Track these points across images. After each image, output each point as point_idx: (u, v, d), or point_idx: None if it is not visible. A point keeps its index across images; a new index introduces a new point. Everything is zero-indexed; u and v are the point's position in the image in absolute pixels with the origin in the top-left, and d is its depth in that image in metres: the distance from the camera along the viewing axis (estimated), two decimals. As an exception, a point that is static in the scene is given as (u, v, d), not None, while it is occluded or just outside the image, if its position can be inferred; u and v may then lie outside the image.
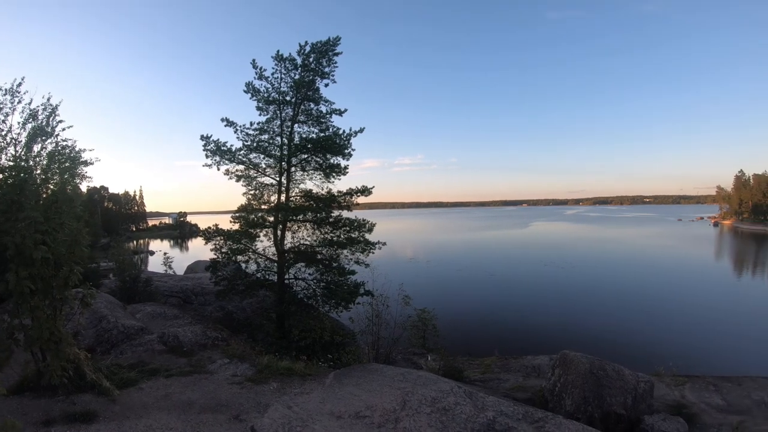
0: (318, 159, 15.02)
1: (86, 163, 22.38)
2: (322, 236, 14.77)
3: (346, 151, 14.58)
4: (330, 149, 14.38)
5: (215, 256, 15.24)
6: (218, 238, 15.03)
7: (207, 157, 14.85)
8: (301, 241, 15.15)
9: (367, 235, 14.44)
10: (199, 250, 64.67)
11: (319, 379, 8.68)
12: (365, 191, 14.57)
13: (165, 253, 40.47)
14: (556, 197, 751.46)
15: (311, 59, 14.34)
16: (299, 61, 14.40)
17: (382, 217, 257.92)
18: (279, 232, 14.86)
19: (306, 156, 14.99)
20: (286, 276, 14.81)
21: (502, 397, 10.07)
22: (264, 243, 15.31)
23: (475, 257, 67.95)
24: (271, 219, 14.94)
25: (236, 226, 15.11)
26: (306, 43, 14.39)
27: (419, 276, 47.05)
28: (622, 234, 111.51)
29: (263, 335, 14.75)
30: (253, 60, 14.58)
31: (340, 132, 14.54)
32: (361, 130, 14.59)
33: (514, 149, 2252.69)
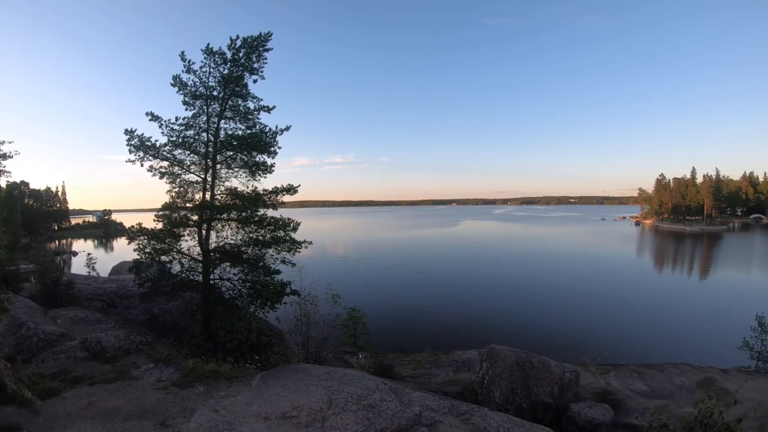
0: (244, 156, 14.74)
1: (5, 157, 20.71)
2: (247, 235, 14.56)
3: (272, 149, 14.46)
4: (256, 147, 14.20)
5: (139, 257, 14.57)
6: (142, 237, 14.36)
7: (131, 152, 14.14)
8: (226, 241, 14.83)
9: (293, 234, 14.41)
10: (125, 250, 61.11)
11: (245, 380, 8.68)
12: (291, 190, 14.57)
13: (88, 254, 37.87)
14: (485, 197, 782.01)
15: (241, 54, 14.10)
16: (229, 55, 14.09)
17: (312, 215, 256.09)
18: (204, 232, 14.46)
19: (232, 153, 14.68)
20: (212, 276, 14.44)
21: (431, 391, 10.42)
22: (189, 242, 14.83)
23: (405, 255, 69.32)
24: (195, 218, 14.49)
25: (160, 225, 14.53)
26: (237, 37, 14.10)
27: (349, 275, 47.39)
28: (548, 232, 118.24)
29: (189, 338, 14.28)
30: (182, 52, 14.06)
31: (267, 130, 14.43)
32: (288, 128, 14.55)
33: (443, 149, 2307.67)
